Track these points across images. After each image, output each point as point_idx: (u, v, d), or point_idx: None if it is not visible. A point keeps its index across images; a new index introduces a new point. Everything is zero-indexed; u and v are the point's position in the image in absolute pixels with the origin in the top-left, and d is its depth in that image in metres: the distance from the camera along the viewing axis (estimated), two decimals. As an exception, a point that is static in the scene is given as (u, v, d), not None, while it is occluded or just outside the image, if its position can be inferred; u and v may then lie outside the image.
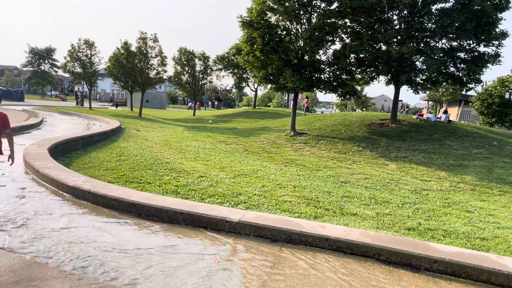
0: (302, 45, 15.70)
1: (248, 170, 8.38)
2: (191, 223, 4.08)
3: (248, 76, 37.27)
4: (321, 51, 16.07)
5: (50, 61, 65.75)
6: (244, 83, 40.20)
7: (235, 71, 36.42)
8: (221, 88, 75.19)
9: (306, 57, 16.03)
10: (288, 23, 16.00)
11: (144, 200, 4.37)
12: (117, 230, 3.99)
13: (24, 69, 71.16)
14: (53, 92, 79.30)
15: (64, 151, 8.51)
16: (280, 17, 15.81)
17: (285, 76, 15.05)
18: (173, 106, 79.70)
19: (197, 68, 33.34)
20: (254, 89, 40.51)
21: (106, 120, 18.58)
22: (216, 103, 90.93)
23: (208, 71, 34.18)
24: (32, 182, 5.78)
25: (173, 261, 3.25)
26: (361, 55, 15.70)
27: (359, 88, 20.68)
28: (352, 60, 16.41)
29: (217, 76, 36.98)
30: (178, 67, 32.79)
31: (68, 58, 30.42)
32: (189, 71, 33.01)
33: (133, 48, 26.47)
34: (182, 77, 33.28)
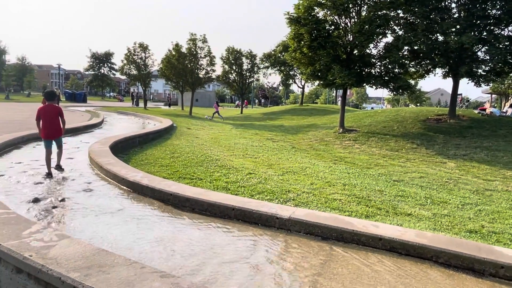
0: (351, 39, 15.26)
1: (296, 168, 8.35)
2: (241, 219, 4.18)
3: (295, 73, 37.00)
4: (371, 45, 15.51)
5: (109, 65, 70.49)
6: (291, 80, 40.00)
7: (282, 68, 36.34)
8: (267, 85, 75.46)
9: (355, 52, 15.57)
10: (336, 17, 15.64)
11: (197, 195, 4.56)
12: (173, 223, 4.20)
13: (86, 72, 77.01)
14: (111, 94, 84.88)
15: (123, 148, 9.11)
16: (328, 12, 15.49)
17: (333, 72, 14.74)
18: (221, 104, 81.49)
19: (244, 67, 33.79)
20: (301, 86, 40.15)
21: (160, 119, 19.51)
22: (262, 100, 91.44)
23: (255, 69, 34.48)
24: (96, 177, 6.27)
25: (225, 255, 3.36)
26: (416, 47, 14.90)
27: (412, 82, 19.58)
28: (405, 52, 15.63)
29: (264, 74, 37.16)
30: (226, 66, 33.47)
31: (125, 61, 32.36)
32: (237, 69, 33.55)
33: (183, 50, 27.47)
34: (230, 76, 33.91)
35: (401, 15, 15.48)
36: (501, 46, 13.15)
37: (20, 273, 2.54)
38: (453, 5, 14.87)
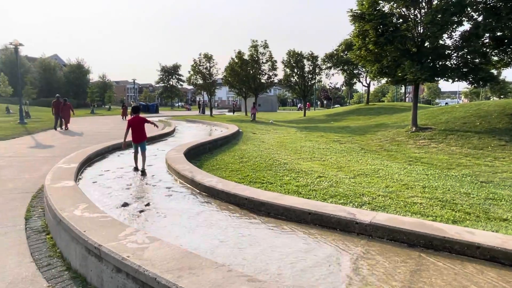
0: (421, 31, 14.28)
1: (368, 170, 8.00)
2: (319, 223, 4.09)
3: (360, 72, 35.67)
4: (445, 35, 14.33)
5: (176, 76, 74.98)
6: (355, 79, 38.66)
7: (345, 67, 35.29)
8: (330, 86, 73.86)
9: (426, 44, 14.52)
10: (404, 9, 14.77)
11: (272, 199, 4.57)
12: (251, 227, 4.26)
13: (157, 85, 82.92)
14: (179, 103, 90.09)
15: (195, 154, 9.56)
16: (395, 5, 14.71)
17: (403, 68, 13.90)
18: (283, 108, 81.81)
19: (306, 69, 33.48)
20: (366, 85, 38.58)
21: (225, 125, 20.13)
22: (325, 102, 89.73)
23: (317, 71, 33.96)
24: (174, 182, 6.66)
25: (307, 261, 3.30)
26: (499, 33, 13.38)
27: (495, 72, 17.51)
28: (486, 40, 14.14)
29: (326, 74, 36.45)
30: (287, 70, 33.49)
31: (191, 72, 34.14)
32: (298, 72, 33.37)
33: (245, 57, 28.13)
34: (292, 79, 33.86)
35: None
36: None
37: (119, 273, 2.76)
38: (545, -18, 13.09)
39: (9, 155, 10.22)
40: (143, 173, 7.47)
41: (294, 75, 33.61)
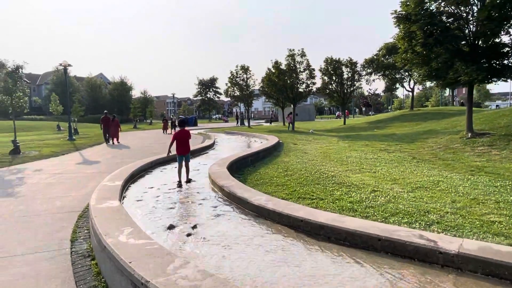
0: (474, 29, 13.19)
1: (426, 182, 7.26)
2: (391, 251, 3.49)
3: (403, 76, 34.08)
4: (502, 32, 13.13)
5: (214, 89, 76.44)
6: (397, 84, 37.02)
7: (386, 72, 33.87)
8: (369, 92, 71.67)
9: (479, 43, 13.39)
10: (452, 7, 13.77)
11: (331, 221, 4.02)
12: (313, 257, 3.76)
13: (195, 98, 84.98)
14: (216, 115, 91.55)
15: (238, 168, 9.26)
16: (443, 3, 13.76)
17: (456, 69, 12.86)
18: (320, 117, 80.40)
19: (345, 76, 32.51)
20: (410, 89, 36.78)
21: (265, 136, 19.78)
22: (363, 109, 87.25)
23: (356, 77, 32.87)
24: (220, 200, 6.33)
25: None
26: None
27: None
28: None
29: (366, 80, 35.17)
30: (325, 78, 32.71)
31: (229, 84, 34.45)
32: (337, 79, 32.48)
33: (282, 66, 27.84)
34: (330, 86, 33.02)
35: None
36: None
37: (170, 315, 2.41)
38: None
39: (59, 171, 10.52)
40: (189, 181, 7.97)
41: (332, 82, 32.75)
